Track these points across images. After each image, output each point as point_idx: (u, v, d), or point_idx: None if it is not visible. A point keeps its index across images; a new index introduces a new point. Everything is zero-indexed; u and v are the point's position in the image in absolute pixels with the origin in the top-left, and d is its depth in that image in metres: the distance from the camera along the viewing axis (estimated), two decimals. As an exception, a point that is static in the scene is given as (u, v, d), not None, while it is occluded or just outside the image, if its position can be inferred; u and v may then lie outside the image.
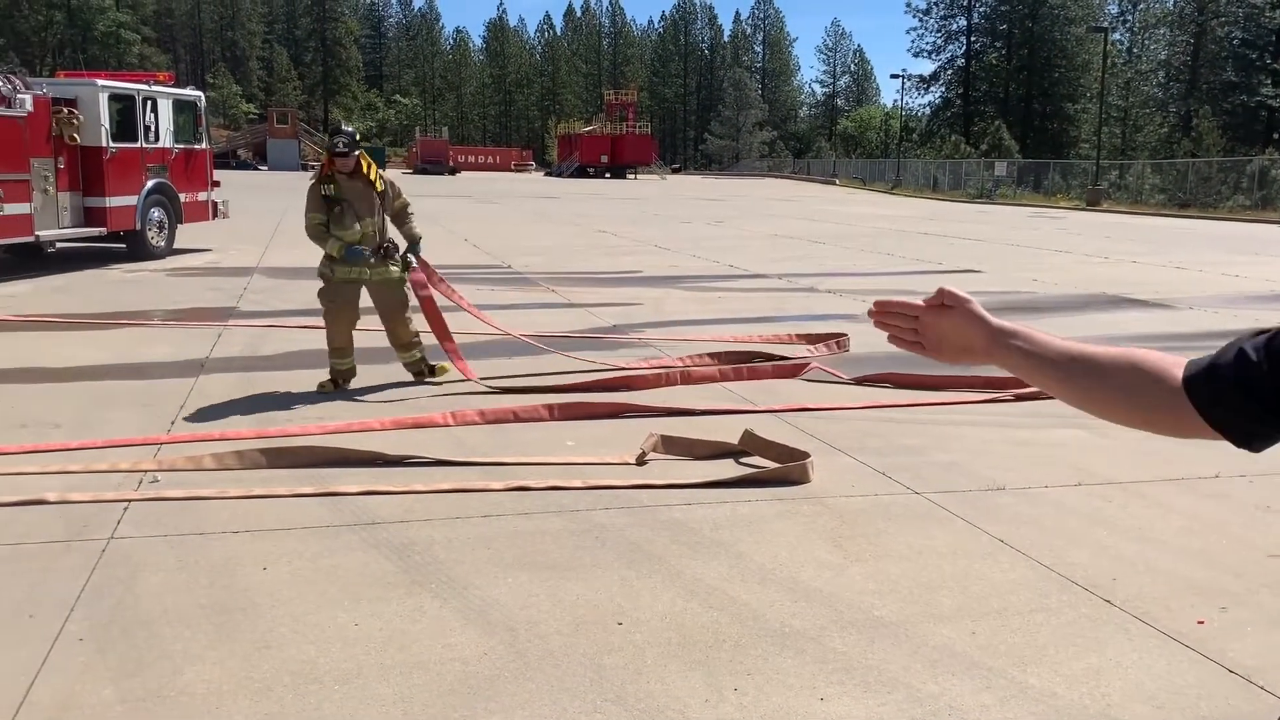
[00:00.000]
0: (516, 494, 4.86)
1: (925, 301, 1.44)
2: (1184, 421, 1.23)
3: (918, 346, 1.45)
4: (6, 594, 3.69)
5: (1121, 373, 1.28)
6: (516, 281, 13.52)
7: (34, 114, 12.73)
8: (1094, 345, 1.32)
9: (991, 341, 1.38)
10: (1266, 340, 1.16)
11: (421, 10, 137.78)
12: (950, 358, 1.44)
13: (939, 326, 1.42)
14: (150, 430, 5.88)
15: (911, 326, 1.45)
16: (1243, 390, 1.17)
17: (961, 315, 1.40)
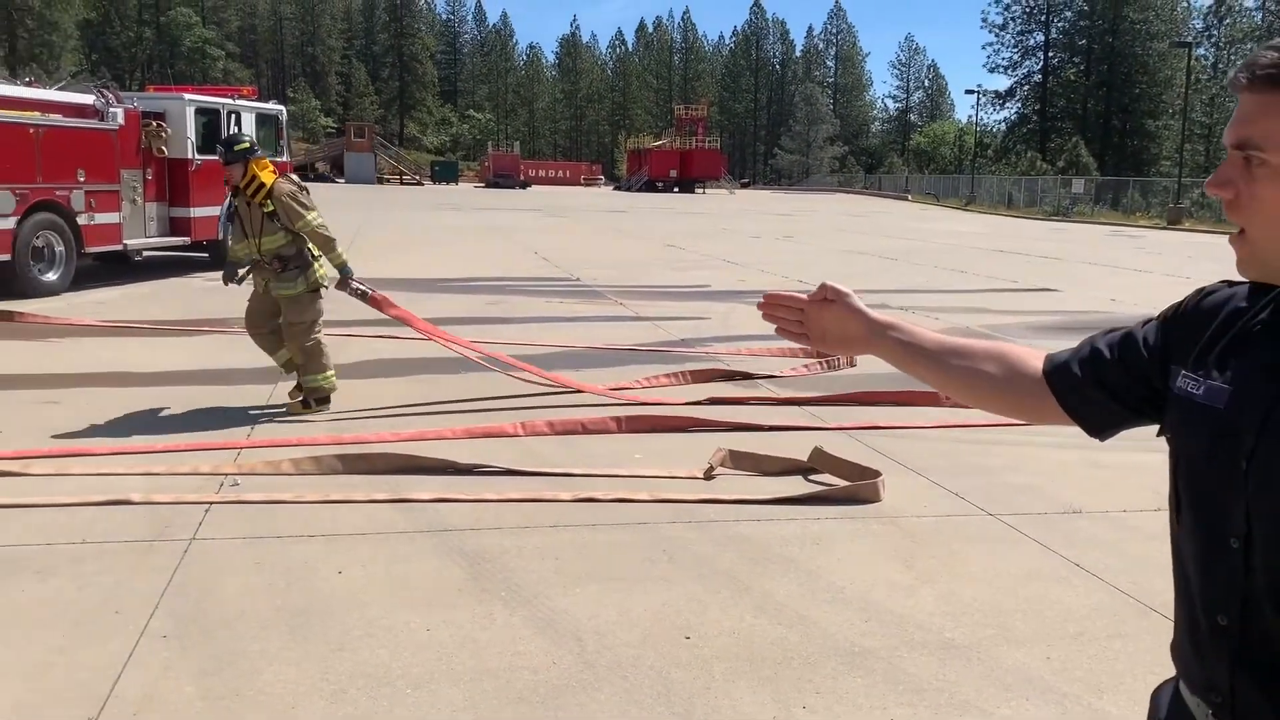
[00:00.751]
0: (584, 505, 4.88)
1: (809, 296, 1.52)
2: (1044, 408, 1.36)
3: (803, 338, 1.54)
4: (94, 590, 3.81)
5: (991, 362, 1.40)
6: (584, 294, 13.61)
7: (124, 127, 13.19)
8: (966, 338, 1.45)
9: (870, 333, 1.49)
10: (1120, 337, 1.29)
11: (496, 27, 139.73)
12: (831, 348, 1.54)
13: (822, 319, 1.51)
14: (231, 435, 6.04)
15: (797, 319, 1.54)
16: (1094, 382, 1.29)
17: (842, 308, 1.50)
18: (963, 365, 1.42)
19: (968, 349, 1.43)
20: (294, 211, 6.66)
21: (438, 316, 11.07)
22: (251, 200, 6.70)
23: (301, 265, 6.76)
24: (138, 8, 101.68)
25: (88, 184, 12.49)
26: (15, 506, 4.64)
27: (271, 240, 6.71)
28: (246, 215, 6.76)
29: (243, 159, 6.69)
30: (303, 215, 6.68)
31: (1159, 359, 1.25)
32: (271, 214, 6.67)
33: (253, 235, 6.74)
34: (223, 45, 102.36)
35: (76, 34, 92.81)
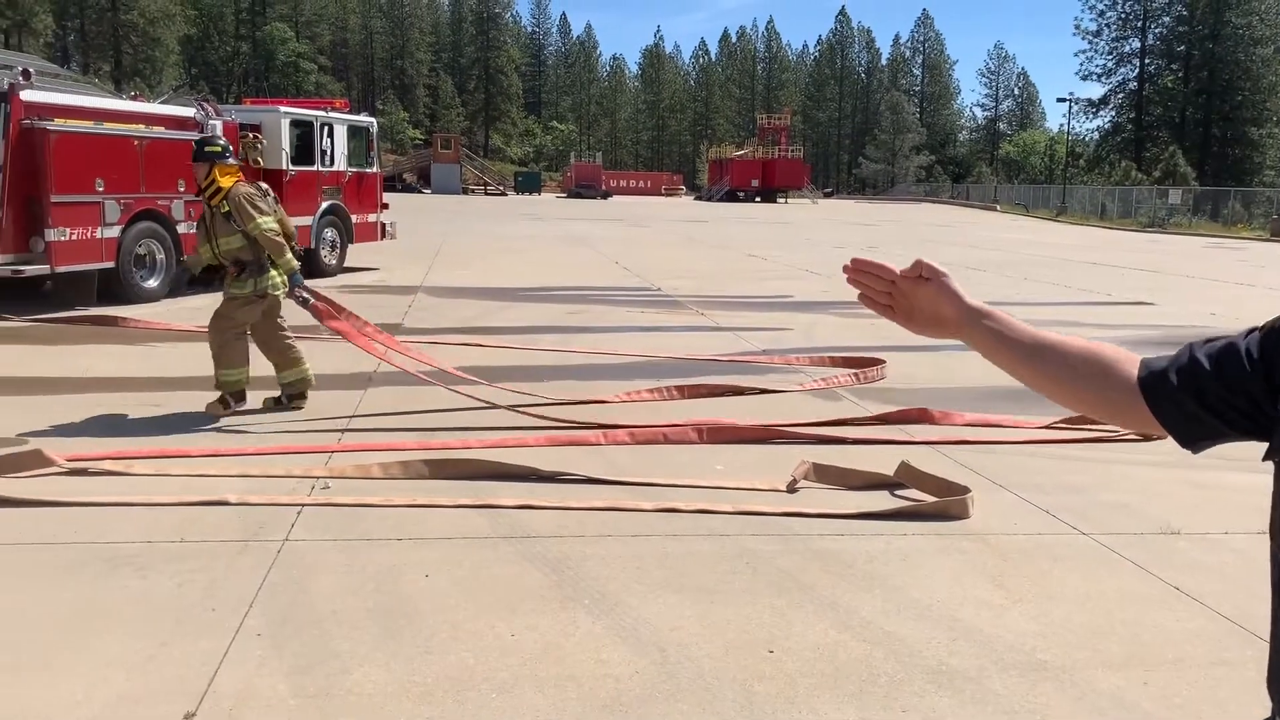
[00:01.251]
0: (666, 515, 4.88)
1: (902, 270, 1.46)
2: (1135, 415, 1.30)
3: (888, 311, 1.50)
4: (192, 587, 3.94)
5: (1084, 363, 1.34)
6: (665, 304, 13.63)
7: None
8: (1061, 335, 1.38)
9: (964, 317, 1.43)
10: (1221, 348, 1.23)
11: (580, 38, 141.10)
12: (918, 328, 1.49)
13: (913, 296, 1.46)
14: (322, 439, 6.18)
15: (886, 290, 1.49)
16: (1190, 393, 1.24)
17: (938, 288, 1.44)
18: (1056, 362, 1.37)
19: (1062, 346, 1.38)
20: (245, 213, 6.70)
21: (518, 325, 11.22)
22: (210, 202, 6.84)
23: (255, 270, 6.83)
24: (235, 23, 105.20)
25: (187, 194, 12.93)
26: (119, 505, 4.81)
27: (228, 242, 6.81)
28: (208, 218, 6.89)
29: (209, 160, 6.82)
30: (254, 218, 6.70)
31: (1263, 375, 1.20)
32: (227, 215, 6.76)
33: (211, 238, 6.86)
34: (315, 59, 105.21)
35: (178, 49, 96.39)
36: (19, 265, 10.89)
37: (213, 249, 6.89)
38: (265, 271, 6.83)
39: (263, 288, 6.84)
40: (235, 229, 6.76)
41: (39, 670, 3.27)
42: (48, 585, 3.95)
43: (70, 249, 11.27)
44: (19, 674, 3.24)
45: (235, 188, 6.79)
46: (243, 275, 6.83)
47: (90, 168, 11.51)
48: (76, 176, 11.32)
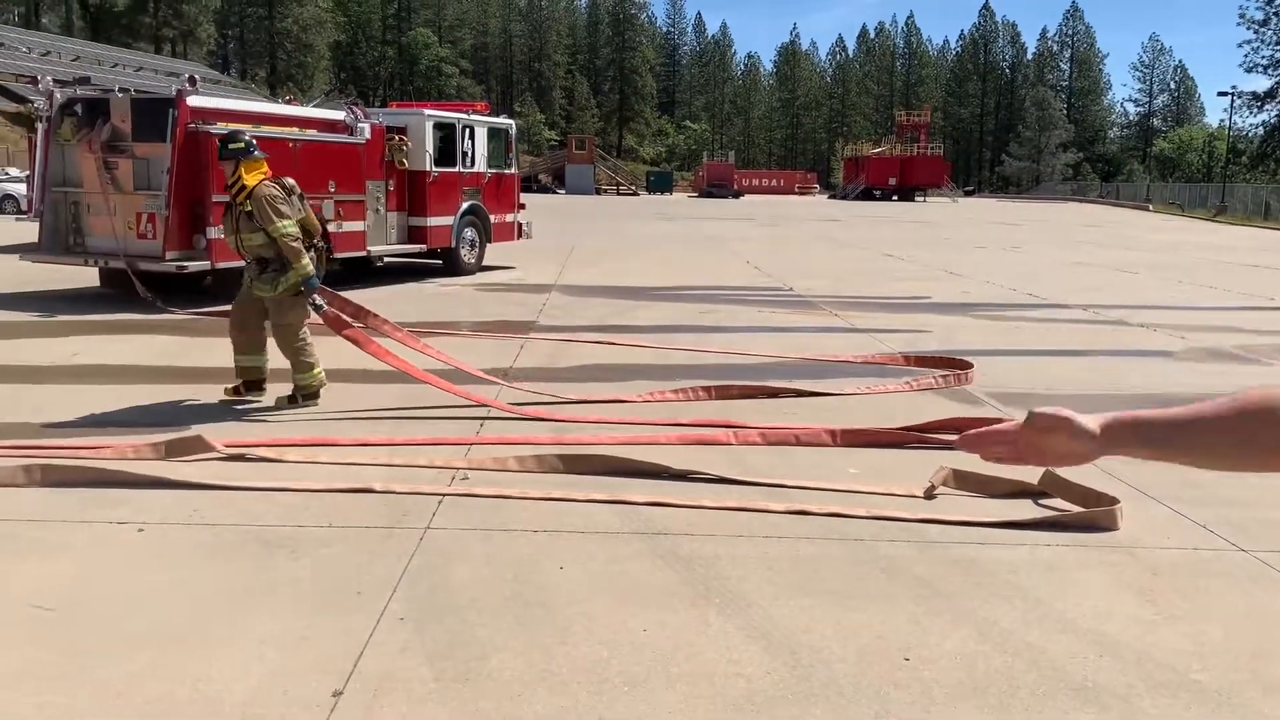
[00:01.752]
0: (798, 517, 4.84)
1: (1015, 426, 1.47)
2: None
3: (1017, 460, 1.49)
4: (340, 571, 4.11)
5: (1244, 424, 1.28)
6: (797, 304, 13.49)
7: (371, 141, 14.16)
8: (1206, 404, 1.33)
9: (1100, 448, 1.40)
10: None
11: (715, 37, 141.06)
12: (1054, 463, 1.48)
13: (1039, 444, 1.45)
14: (462, 431, 6.36)
15: (1006, 444, 1.49)
16: None
17: (1062, 433, 1.42)
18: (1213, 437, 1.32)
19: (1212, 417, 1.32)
20: (266, 214, 6.76)
21: (650, 324, 11.30)
22: (235, 200, 6.95)
23: (278, 269, 6.89)
24: (381, 29, 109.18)
25: (337, 194, 13.49)
26: (273, 490, 5.06)
27: (250, 239, 6.90)
28: (234, 213, 7.01)
29: (235, 158, 6.90)
30: (273, 220, 6.75)
31: None
32: (250, 214, 6.84)
33: (232, 232, 7.01)
34: (456, 63, 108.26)
35: (328, 54, 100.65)
36: (183, 261, 11.55)
37: (235, 243, 7.04)
38: (287, 271, 6.88)
39: (292, 285, 6.90)
40: (257, 227, 6.85)
41: (200, 644, 3.47)
42: (208, 564, 4.18)
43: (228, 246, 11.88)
44: (183, 647, 3.44)
45: (259, 187, 6.83)
46: (265, 274, 6.93)
47: (249, 169, 12.11)
48: (236, 178, 11.92)
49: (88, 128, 11.85)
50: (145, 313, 11.08)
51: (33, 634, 3.52)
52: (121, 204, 11.69)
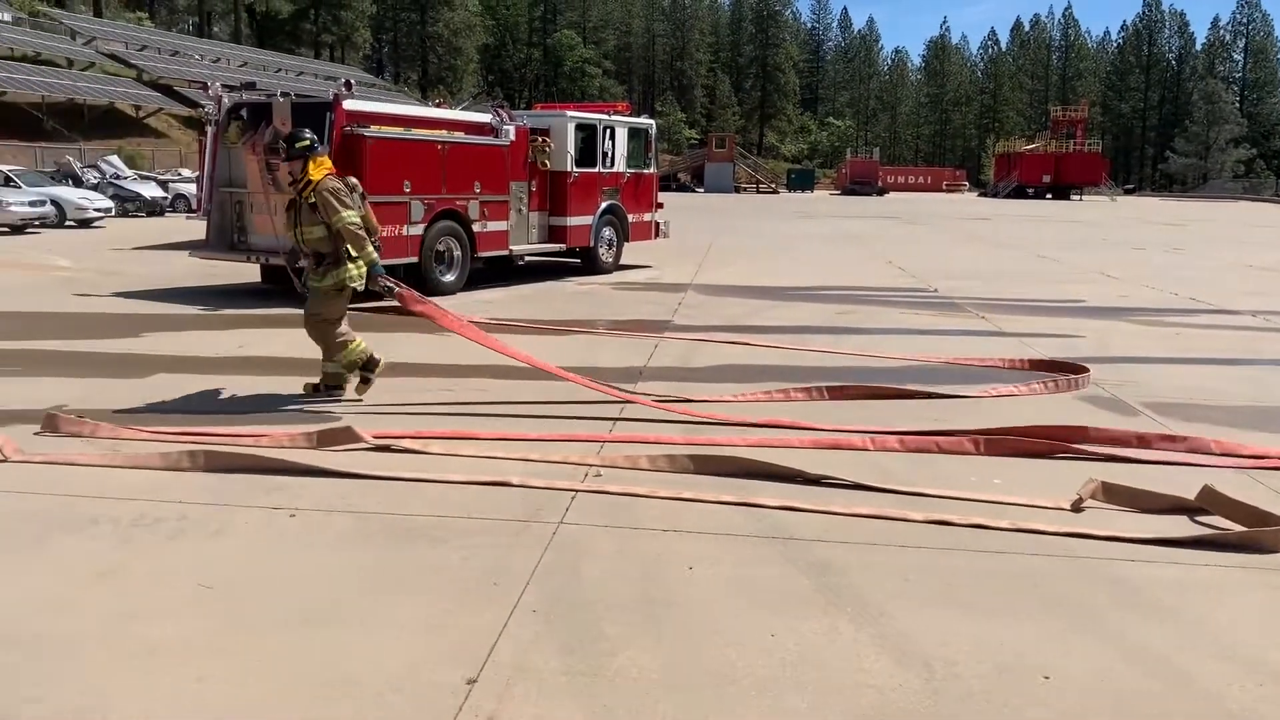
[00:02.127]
0: (937, 527, 4.71)
1: None
2: None
3: None
4: (477, 561, 4.23)
5: None
6: (941, 306, 13.14)
7: (515, 143, 14.48)
8: None
9: None
10: None
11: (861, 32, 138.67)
12: None
13: None
14: (595, 428, 6.44)
15: None
16: None
17: None
18: None
19: None
20: (330, 206, 6.97)
21: (786, 325, 11.20)
22: (301, 194, 7.13)
23: (332, 262, 7.12)
24: (528, 31, 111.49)
25: (482, 195, 13.86)
26: (415, 481, 5.24)
27: (311, 232, 7.13)
28: (297, 207, 7.22)
29: (303, 156, 7.10)
30: (338, 211, 6.97)
31: None
32: (313, 206, 7.06)
33: (294, 226, 7.23)
34: (600, 63, 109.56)
35: (476, 57, 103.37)
36: (338, 259, 12.06)
37: (298, 237, 7.26)
38: (341, 264, 7.11)
39: (340, 280, 7.14)
40: (319, 220, 7.07)
41: (344, 627, 3.62)
42: (353, 550, 4.37)
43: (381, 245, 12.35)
44: (329, 629, 3.60)
45: (324, 180, 7.07)
46: (320, 267, 7.17)
47: (399, 171, 12.57)
48: (388, 178, 12.39)
49: (252, 131, 12.50)
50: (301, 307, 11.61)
51: (195, 609, 3.75)
52: (281, 203, 12.26)
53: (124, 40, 56.87)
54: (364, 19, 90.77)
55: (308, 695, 3.14)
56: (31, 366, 8.22)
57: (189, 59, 59.59)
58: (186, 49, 62.44)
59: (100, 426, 6.11)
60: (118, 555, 4.25)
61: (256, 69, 61.03)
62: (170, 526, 4.60)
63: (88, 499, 4.91)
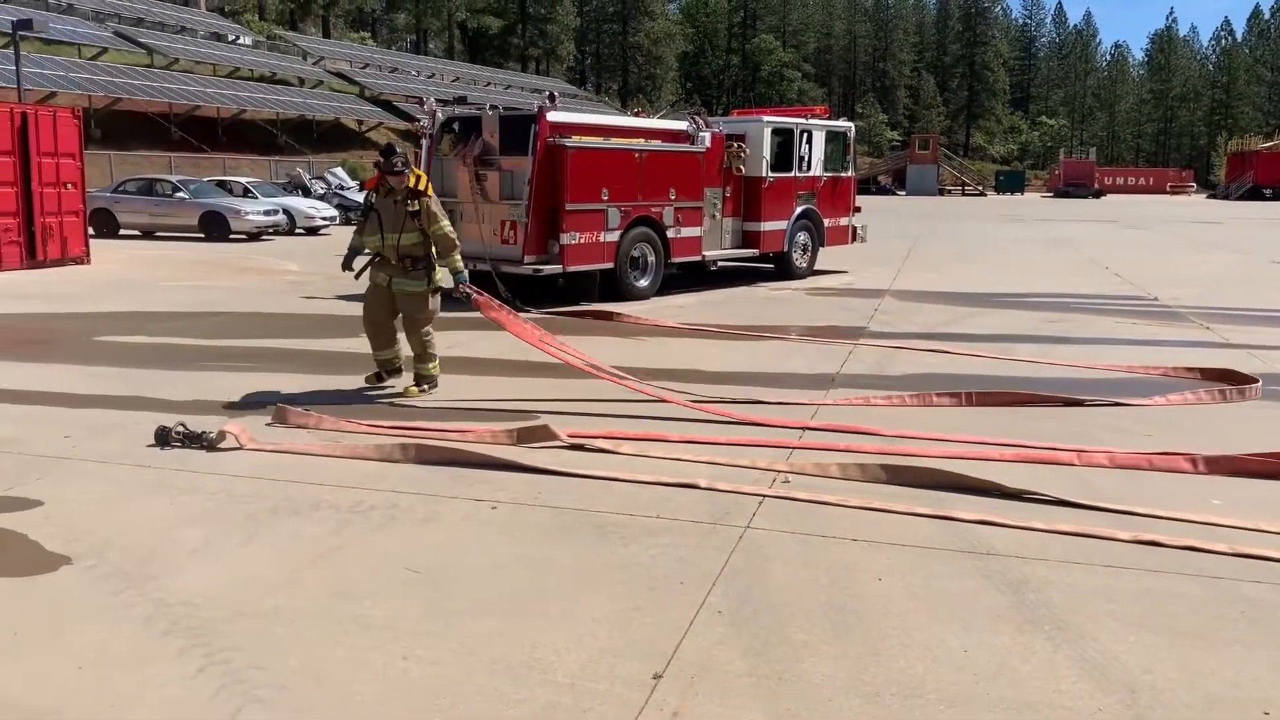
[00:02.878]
0: (1146, 548, 4.45)
1: None
2: None
3: None
4: (664, 560, 4.32)
5: None
6: (1161, 315, 12.33)
7: (710, 150, 14.61)
8: None
9: None
10: None
11: (1077, 27, 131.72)
12: None
13: None
14: (783, 435, 6.44)
15: None
16: None
17: None
18: None
19: None
20: (434, 215, 7.48)
21: (989, 333, 10.80)
22: (399, 201, 7.47)
23: (427, 266, 7.60)
24: (727, 38, 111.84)
25: (677, 201, 14.05)
26: (608, 480, 5.40)
27: (408, 238, 7.50)
28: (390, 213, 7.50)
29: (406, 169, 7.49)
30: (440, 220, 7.51)
31: None
32: (414, 214, 7.44)
33: (392, 231, 7.49)
34: (799, 66, 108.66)
35: (675, 65, 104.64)
36: (538, 265, 12.53)
37: (393, 241, 7.53)
38: (433, 268, 7.62)
39: (436, 282, 7.66)
40: (417, 227, 7.48)
41: (539, 615, 3.78)
42: (549, 544, 4.55)
43: (579, 251, 12.76)
44: (524, 616, 3.78)
45: (429, 192, 7.57)
46: (416, 270, 7.60)
47: (598, 179, 12.92)
48: (587, 187, 12.76)
49: (463, 143, 13.16)
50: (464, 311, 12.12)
51: (403, 592, 4.01)
52: (489, 212, 12.86)
53: (349, 59, 60.90)
54: (568, 32, 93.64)
55: (505, 678, 3.30)
56: (264, 363, 8.96)
57: (406, 75, 63.19)
58: (404, 65, 66.22)
59: (323, 419, 6.60)
60: (336, 539, 4.59)
61: (467, 83, 64.01)
62: (382, 514, 4.93)
63: (311, 485, 5.33)
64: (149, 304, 12.87)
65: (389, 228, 7.52)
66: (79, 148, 17.86)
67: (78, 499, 5.13)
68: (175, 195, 25.10)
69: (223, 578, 4.14)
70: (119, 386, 7.85)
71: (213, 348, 9.77)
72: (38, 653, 3.49)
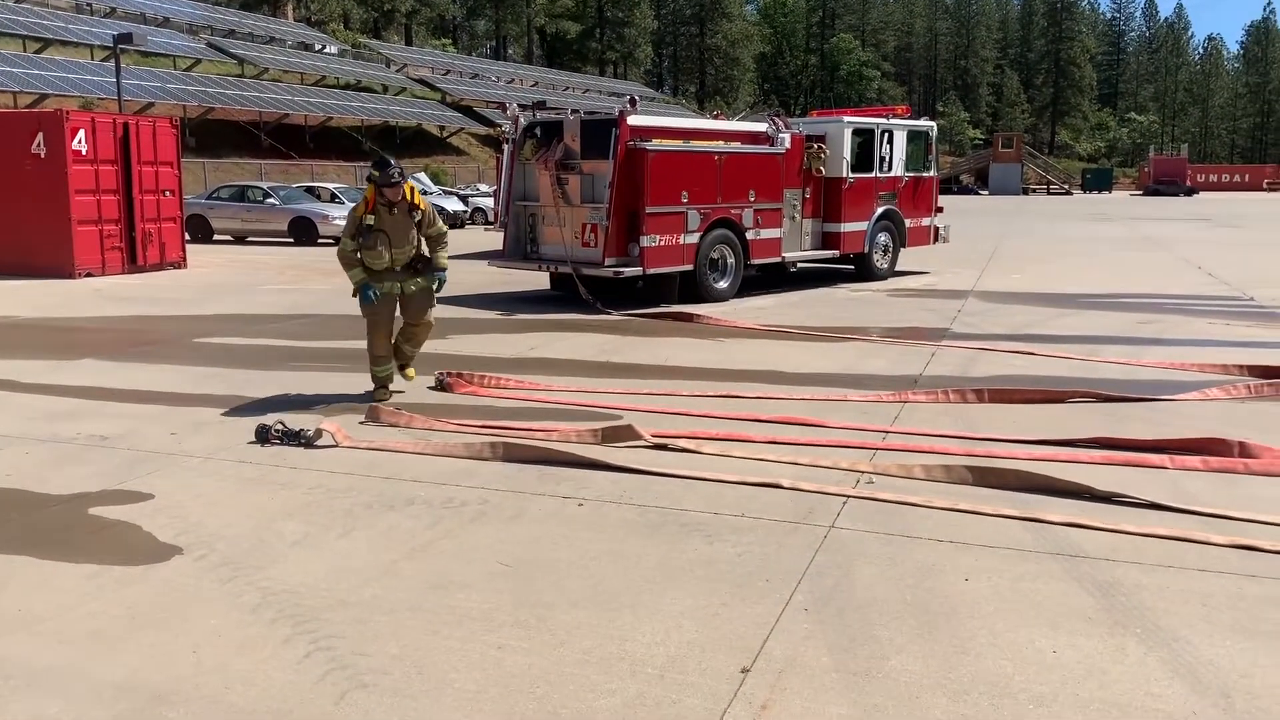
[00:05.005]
0: (1242, 552, 4.37)
1: None
2: None
3: None
4: (750, 558, 4.37)
5: None
6: (1259, 316, 11.96)
7: (790, 151, 14.57)
8: None
9: None
10: None
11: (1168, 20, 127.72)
12: None
13: None
14: (866, 436, 6.43)
15: None
16: None
17: None
18: None
19: None
20: (435, 218, 7.73)
21: (1076, 334, 10.60)
22: (403, 213, 7.47)
23: (426, 266, 7.75)
24: (805, 38, 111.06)
25: (756, 203, 14.05)
26: (693, 479, 5.47)
27: (412, 246, 7.63)
28: (397, 227, 7.49)
29: (404, 179, 7.52)
30: (436, 222, 7.73)
31: None
32: (419, 222, 7.59)
33: (400, 245, 7.52)
34: (878, 65, 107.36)
35: (753, 67, 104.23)
36: (619, 267, 12.65)
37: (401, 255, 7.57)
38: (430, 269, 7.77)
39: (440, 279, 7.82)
40: (417, 234, 7.63)
41: (628, 609, 3.87)
42: (635, 540, 4.63)
43: (658, 254, 12.84)
44: (613, 610, 3.87)
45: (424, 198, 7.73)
46: (423, 269, 7.73)
47: (678, 182, 12.99)
48: (666, 190, 12.84)
49: (545, 147, 13.34)
50: (587, 313, 12.28)
51: (496, 585, 4.13)
52: (570, 215, 13.02)
53: (430, 66, 61.96)
54: (645, 35, 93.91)
55: (596, 669, 3.40)
56: (356, 363, 9.20)
57: (486, 80, 64.05)
58: (484, 71, 67.14)
59: (414, 418, 6.80)
60: (430, 533, 4.75)
61: (546, 88, 64.68)
62: (473, 509, 5.07)
63: (405, 482, 5.50)
64: (244, 307, 13.33)
65: (397, 242, 7.52)
66: (176, 156, 18.53)
67: (186, 492, 5.38)
68: (266, 201, 25.88)
69: (323, 568, 4.31)
70: (218, 386, 8.17)
71: (306, 349, 10.09)
72: (156, 637, 3.69)
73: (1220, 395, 7.49)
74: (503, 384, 8.01)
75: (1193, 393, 7.54)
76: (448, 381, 7.96)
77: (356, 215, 7.53)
